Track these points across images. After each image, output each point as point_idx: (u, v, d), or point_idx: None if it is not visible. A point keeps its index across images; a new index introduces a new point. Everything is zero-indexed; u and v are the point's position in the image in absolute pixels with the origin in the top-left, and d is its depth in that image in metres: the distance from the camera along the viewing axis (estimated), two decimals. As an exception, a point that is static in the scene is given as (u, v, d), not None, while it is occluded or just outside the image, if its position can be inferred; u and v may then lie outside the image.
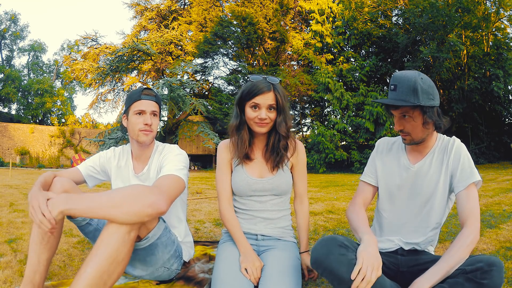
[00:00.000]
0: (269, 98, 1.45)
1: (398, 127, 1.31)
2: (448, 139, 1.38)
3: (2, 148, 19.06)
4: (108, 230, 1.13)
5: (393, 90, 1.26)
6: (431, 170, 1.35)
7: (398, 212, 1.40)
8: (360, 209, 1.40)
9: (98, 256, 1.09)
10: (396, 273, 1.32)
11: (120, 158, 1.70)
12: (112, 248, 1.10)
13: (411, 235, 1.36)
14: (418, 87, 1.21)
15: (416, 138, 1.31)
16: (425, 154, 1.38)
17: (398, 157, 1.44)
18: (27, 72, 31.35)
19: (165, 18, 21.99)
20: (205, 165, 19.50)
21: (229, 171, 1.59)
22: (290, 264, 1.38)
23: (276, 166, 1.53)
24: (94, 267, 1.07)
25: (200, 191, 6.29)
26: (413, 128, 1.28)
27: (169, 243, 1.44)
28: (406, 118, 1.28)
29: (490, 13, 13.81)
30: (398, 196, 1.41)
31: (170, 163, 1.46)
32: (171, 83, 13.27)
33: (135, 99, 1.56)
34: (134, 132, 1.57)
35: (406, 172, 1.39)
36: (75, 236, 2.69)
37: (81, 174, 1.64)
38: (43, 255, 1.34)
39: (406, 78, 1.24)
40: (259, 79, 1.48)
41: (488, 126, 15.81)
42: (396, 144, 1.48)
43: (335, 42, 16.03)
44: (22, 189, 6.27)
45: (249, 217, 1.56)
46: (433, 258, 1.29)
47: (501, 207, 3.96)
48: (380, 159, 1.48)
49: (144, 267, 1.45)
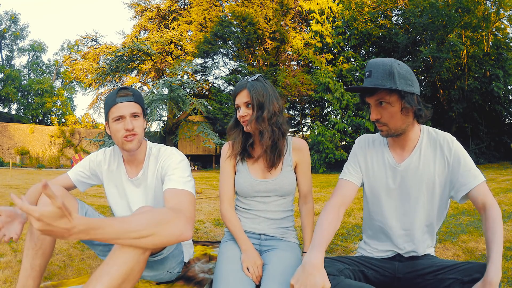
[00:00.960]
0: (243, 96, 1.46)
1: (374, 116, 1.21)
2: (435, 132, 1.28)
3: (2, 148, 19.05)
4: (124, 249, 1.06)
5: (368, 76, 1.18)
6: (420, 168, 1.25)
7: (388, 215, 1.32)
8: (332, 214, 1.23)
9: (111, 275, 1.03)
10: (392, 280, 1.28)
11: (111, 161, 1.59)
12: (127, 268, 1.05)
13: (404, 239, 1.30)
14: (394, 71, 1.15)
15: (394, 128, 1.21)
16: (410, 150, 1.28)
17: (382, 154, 1.33)
18: (27, 72, 31.36)
19: (165, 18, 22.00)
20: (205, 165, 19.50)
21: (231, 173, 1.59)
22: (292, 265, 1.38)
23: (272, 166, 1.51)
24: (106, 285, 1.02)
25: (200, 191, 6.29)
26: (391, 116, 1.19)
27: (178, 254, 1.45)
28: (383, 106, 1.19)
29: (490, 13, 13.81)
30: (385, 197, 1.32)
31: (176, 173, 1.36)
32: (171, 83, 13.27)
33: (111, 104, 1.41)
34: (118, 140, 1.43)
35: (393, 172, 1.30)
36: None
37: (70, 180, 1.57)
38: (36, 260, 1.32)
39: (381, 62, 1.18)
40: (242, 80, 1.51)
41: (488, 126, 15.80)
42: (378, 140, 1.38)
43: (335, 42, 16.03)
44: (22, 189, 6.27)
45: (252, 216, 1.56)
46: (431, 263, 1.23)
47: (501, 207, 3.97)
48: (362, 156, 1.37)
49: (149, 272, 1.45)
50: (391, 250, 1.33)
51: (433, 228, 1.31)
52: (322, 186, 7.55)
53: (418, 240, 1.29)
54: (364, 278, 1.26)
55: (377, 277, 1.28)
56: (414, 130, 1.26)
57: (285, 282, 1.24)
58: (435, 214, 1.28)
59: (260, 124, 1.46)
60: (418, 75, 16.37)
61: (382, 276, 1.28)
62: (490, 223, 1.08)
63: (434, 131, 1.29)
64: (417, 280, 1.21)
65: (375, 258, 1.34)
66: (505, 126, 16.54)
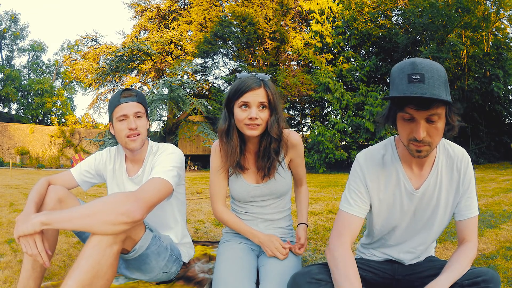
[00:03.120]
0: (259, 95, 1.31)
1: (423, 134, 0.98)
2: (451, 148, 1.16)
3: (2, 148, 19.05)
4: (90, 243, 1.11)
5: (419, 81, 0.93)
6: (436, 192, 1.15)
7: (395, 236, 1.25)
8: (351, 258, 1.08)
9: (79, 269, 1.07)
10: (391, 281, 1.27)
11: (115, 160, 1.64)
12: (94, 261, 1.08)
13: (407, 256, 1.26)
14: (447, 80, 0.95)
15: (435, 145, 1.02)
16: (428, 170, 1.15)
17: (397, 178, 1.16)
18: (27, 72, 31.36)
19: (165, 18, 21.99)
20: (205, 165, 19.50)
21: (223, 175, 1.51)
22: (291, 265, 1.38)
23: (267, 176, 1.43)
24: (75, 280, 1.06)
25: (200, 191, 6.28)
26: (437, 134, 1.00)
27: (161, 251, 1.41)
28: (434, 121, 0.98)
29: (490, 13, 13.81)
30: (396, 221, 1.21)
31: (160, 164, 1.40)
32: (171, 83, 13.26)
33: (115, 104, 1.47)
34: (122, 139, 1.49)
35: (409, 199, 1.16)
36: (75, 236, 2.69)
37: (74, 180, 1.59)
38: (37, 262, 1.31)
39: (435, 67, 0.95)
40: (248, 75, 1.35)
41: (488, 126, 15.80)
42: (388, 156, 1.17)
43: (335, 42, 16.04)
44: (22, 189, 6.27)
45: (250, 217, 1.55)
46: (431, 265, 1.23)
47: (501, 207, 3.96)
48: (372, 182, 1.17)
49: (142, 274, 1.44)
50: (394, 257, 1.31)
51: (436, 239, 1.30)
52: (322, 186, 7.55)
53: (421, 252, 1.28)
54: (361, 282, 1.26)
55: (375, 279, 1.27)
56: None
57: (283, 282, 1.24)
58: (443, 228, 1.24)
59: (272, 129, 1.33)
60: (418, 75, 16.35)
61: (381, 278, 1.28)
62: (461, 256, 1.09)
63: (450, 146, 1.17)
64: (416, 283, 1.21)
65: (374, 260, 1.33)
66: (505, 126, 16.54)
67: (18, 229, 1.12)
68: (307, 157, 13.94)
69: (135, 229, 1.26)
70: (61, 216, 1.11)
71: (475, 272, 1.05)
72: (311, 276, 1.08)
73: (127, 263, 1.39)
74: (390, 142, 1.20)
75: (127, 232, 1.19)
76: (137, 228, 1.27)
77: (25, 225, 1.11)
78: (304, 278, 1.10)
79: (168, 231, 1.63)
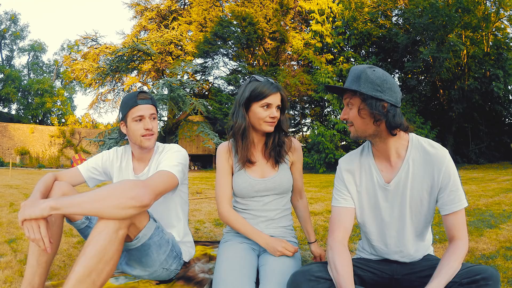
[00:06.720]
0: (278, 99, 1.54)
1: (342, 115, 1.25)
2: (431, 147, 1.20)
3: (2, 148, 19.05)
4: (97, 229, 1.14)
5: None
6: (409, 185, 1.21)
7: (382, 228, 1.28)
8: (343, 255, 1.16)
9: (86, 255, 1.10)
10: (390, 281, 1.28)
11: (122, 159, 1.71)
12: (100, 246, 1.12)
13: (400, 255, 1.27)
14: (362, 75, 1.16)
15: (360, 130, 1.20)
16: (398, 165, 1.22)
17: (370, 172, 1.27)
18: (27, 72, 31.36)
19: (165, 18, 21.99)
20: (205, 165, 19.50)
21: (230, 175, 1.59)
22: (291, 265, 1.38)
23: (278, 162, 1.58)
24: (82, 265, 1.08)
25: (200, 191, 6.29)
26: (354, 117, 1.20)
27: (163, 243, 1.43)
28: (350, 107, 1.22)
29: (490, 13, 13.81)
30: (380, 219, 1.27)
31: (166, 160, 1.49)
32: (171, 83, 13.26)
33: (132, 105, 1.55)
34: (136, 138, 1.58)
35: (384, 193, 1.25)
36: (75, 236, 2.69)
37: (81, 176, 1.65)
38: (42, 257, 1.33)
39: (356, 68, 1.21)
40: (266, 80, 1.56)
41: (488, 126, 15.82)
42: (364, 154, 1.32)
43: (335, 42, 16.03)
44: (22, 189, 6.27)
45: (250, 216, 1.57)
46: (430, 264, 1.22)
47: (501, 207, 3.96)
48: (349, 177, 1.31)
49: (142, 268, 1.45)
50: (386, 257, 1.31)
51: (424, 234, 1.28)
52: (322, 186, 7.55)
53: (413, 252, 1.27)
54: (359, 281, 1.26)
55: (374, 279, 1.28)
56: (396, 141, 1.21)
57: (283, 282, 1.24)
58: (422, 225, 1.25)
59: (284, 124, 1.58)
60: (418, 75, 16.38)
61: (379, 278, 1.28)
62: (451, 258, 1.09)
63: (430, 145, 1.21)
64: (415, 283, 1.21)
65: (373, 260, 1.33)
66: (505, 126, 16.56)
67: (24, 213, 1.13)
68: (307, 157, 13.93)
69: (140, 217, 1.29)
70: (71, 201, 1.14)
71: (474, 270, 1.04)
72: (311, 274, 1.11)
73: (129, 255, 1.40)
74: (367, 142, 1.33)
75: (132, 218, 1.23)
76: (141, 215, 1.30)
77: (32, 209, 1.12)
78: (304, 276, 1.11)
79: (171, 229, 1.66)
